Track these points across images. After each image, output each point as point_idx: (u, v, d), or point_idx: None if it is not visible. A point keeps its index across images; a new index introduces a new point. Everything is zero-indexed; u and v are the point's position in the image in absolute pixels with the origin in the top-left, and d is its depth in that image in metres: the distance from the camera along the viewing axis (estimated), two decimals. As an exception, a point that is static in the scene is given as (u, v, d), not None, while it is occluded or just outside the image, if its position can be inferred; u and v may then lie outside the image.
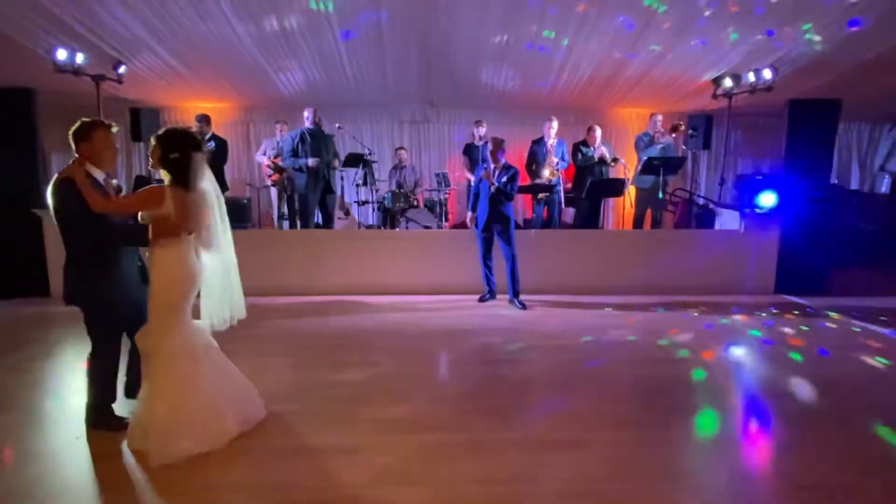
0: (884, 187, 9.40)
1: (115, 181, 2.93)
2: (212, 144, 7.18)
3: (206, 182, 2.93)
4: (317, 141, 7.05)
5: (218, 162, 7.16)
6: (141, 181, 8.05)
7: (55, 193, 2.90)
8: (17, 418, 3.24)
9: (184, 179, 2.82)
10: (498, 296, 6.09)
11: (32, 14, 5.39)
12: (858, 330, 5.22)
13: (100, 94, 6.50)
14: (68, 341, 4.71)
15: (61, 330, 5.02)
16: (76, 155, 2.99)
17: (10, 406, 3.41)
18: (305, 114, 7.12)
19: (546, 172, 7.28)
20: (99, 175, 3.01)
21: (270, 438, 2.95)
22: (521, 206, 8.99)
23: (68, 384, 3.85)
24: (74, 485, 2.58)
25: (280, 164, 7.76)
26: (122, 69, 6.47)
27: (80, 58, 6.01)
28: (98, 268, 2.94)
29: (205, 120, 7.35)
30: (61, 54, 5.88)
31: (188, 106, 8.59)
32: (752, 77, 6.72)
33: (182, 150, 2.83)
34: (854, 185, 9.36)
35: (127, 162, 8.85)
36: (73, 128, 2.99)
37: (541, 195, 7.44)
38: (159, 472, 2.61)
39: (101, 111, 6.62)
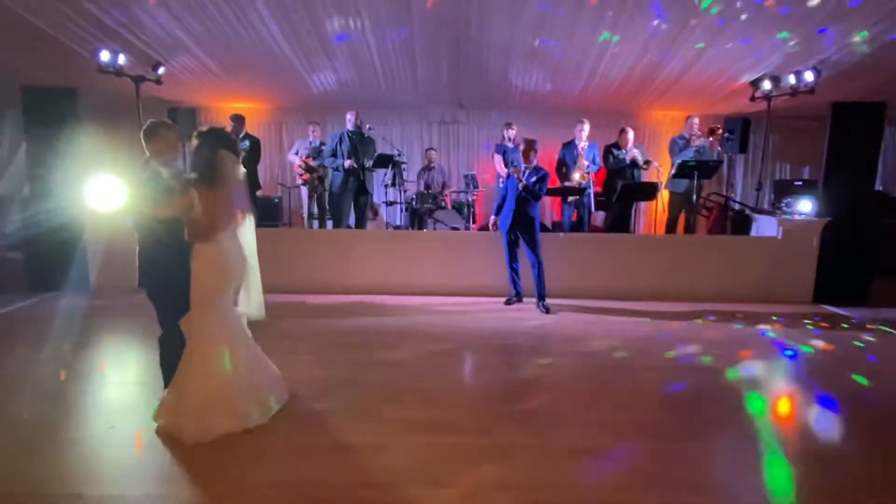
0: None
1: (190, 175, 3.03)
2: (245, 144, 7.32)
3: (234, 181, 3.00)
4: (355, 143, 7.16)
5: (252, 161, 7.30)
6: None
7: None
8: (54, 407, 3.35)
9: (209, 177, 2.91)
10: (525, 299, 6.04)
11: (77, 17, 5.59)
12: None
13: (139, 94, 6.70)
14: (105, 333, 4.86)
15: (100, 322, 5.18)
16: (146, 154, 3.32)
17: (49, 395, 3.52)
18: (348, 116, 7.28)
19: (577, 176, 7.20)
20: (164, 171, 3.19)
21: (298, 435, 2.98)
22: (549, 209, 8.91)
23: (104, 375, 3.97)
24: (108, 473, 2.66)
25: (312, 163, 7.86)
26: (161, 70, 6.66)
27: (121, 59, 6.21)
28: (161, 258, 3.17)
29: (239, 120, 7.49)
30: (105, 55, 6.08)
31: (224, 106, 8.78)
32: (792, 79, 6.52)
33: (212, 146, 2.93)
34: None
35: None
36: (143, 127, 3.35)
37: (570, 198, 7.35)
38: (193, 465, 2.67)
39: (140, 111, 6.83)
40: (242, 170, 3.07)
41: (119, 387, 3.82)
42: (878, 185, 8.31)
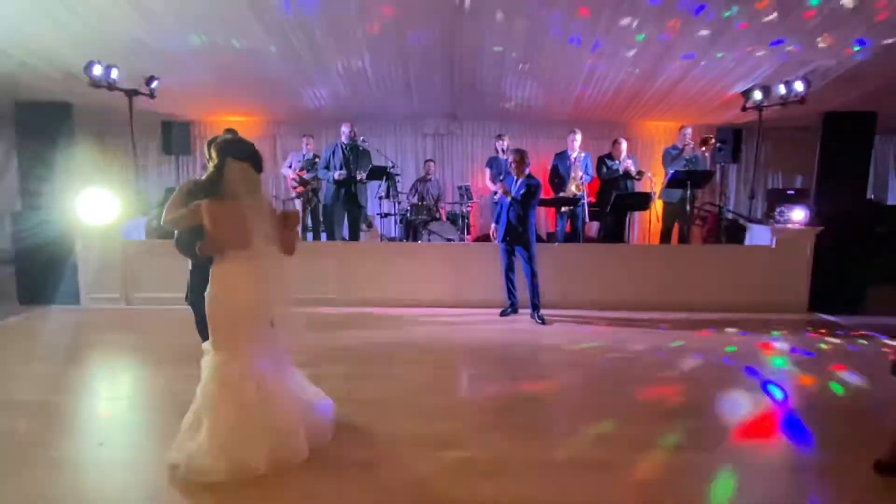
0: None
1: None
2: None
3: (250, 195, 2.70)
4: (347, 156, 7.17)
5: None
6: (170, 192, 8.25)
7: None
8: (43, 423, 3.28)
9: (214, 187, 2.70)
10: (520, 310, 6.02)
11: (70, 30, 5.59)
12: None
13: (132, 108, 6.69)
14: (96, 348, 4.80)
15: (92, 336, 5.12)
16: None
17: (37, 411, 3.46)
18: (343, 128, 7.29)
19: (572, 187, 7.21)
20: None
21: (289, 450, 2.92)
22: (543, 220, 8.91)
23: (95, 390, 3.92)
24: (96, 491, 2.60)
25: (305, 176, 7.86)
26: (154, 84, 6.65)
27: (114, 73, 6.20)
28: (203, 274, 2.91)
29: (232, 133, 7.51)
30: (97, 70, 6.07)
31: (218, 120, 8.78)
32: (783, 90, 6.58)
33: (220, 155, 2.71)
34: (892, 201, 9.04)
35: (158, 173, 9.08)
36: (211, 138, 3.20)
37: (564, 208, 7.36)
38: (183, 483, 2.61)
39: (133, 125, 6.81)
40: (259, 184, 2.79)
41: (109, 402, 3.75)
42: (870, 194, 8.37)
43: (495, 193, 5.85)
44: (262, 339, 2.78)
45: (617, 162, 7.40)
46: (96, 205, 6.13)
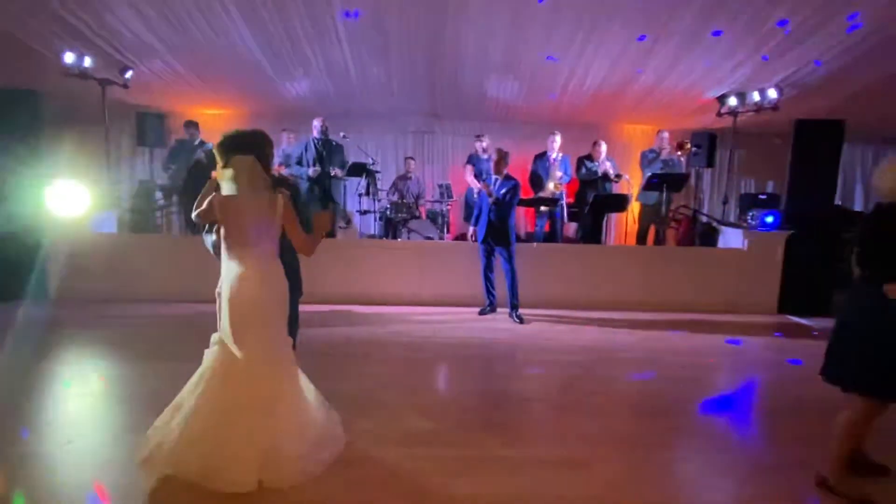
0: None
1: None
2: (210, 146, 7.24)
3: (250, 190, 2.59)
4: (321, 151, 7.08)
5: (211, 169, 7.20)
6: (144, 185, 8.08)
7: None
8: (9, 421, 3.18)
9: (219, 183, 2.65)
10: (499, 309, 6.05)
11: (42, 17, 5.42)
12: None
13: (105, 98, 6.52)
14: (66, 344, 4.67)
15: (61, 332, 4.98)
16: None
17: (3, 409, 3.35)
18: (315, 123, 7.19)
19: (550, 186, 7.27)
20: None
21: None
22: (523, 220, 8.97)
23: (62, 388, 3.81)
24: (62, 491, 2.53)
25: (283, 172, 7.75)
26: (128, 74, 6.50)
27: (87, 61, 6.04)
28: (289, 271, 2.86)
29: (194, 125, 7.42)
30: (69, 57, 5.91)
31: (194, 112, 8.61)
32: (757, 96, 6.74)
33: (222, 155, 2.64)
34: (858, 207, 9.33)
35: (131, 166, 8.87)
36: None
37: (543, 208, 7.42)
38: (153, 483, 2.56)
39: (107, 115, 6.65)
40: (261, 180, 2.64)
41: (78, 399, 3.66)
42: (838, 200, 8.63)
43: (478, 193, 5.86)
44: (269, 340, 2.65)
45: (596, 163, 7.49)
46: (66, 197, 5.96)
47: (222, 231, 2.63)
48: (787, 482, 2.76)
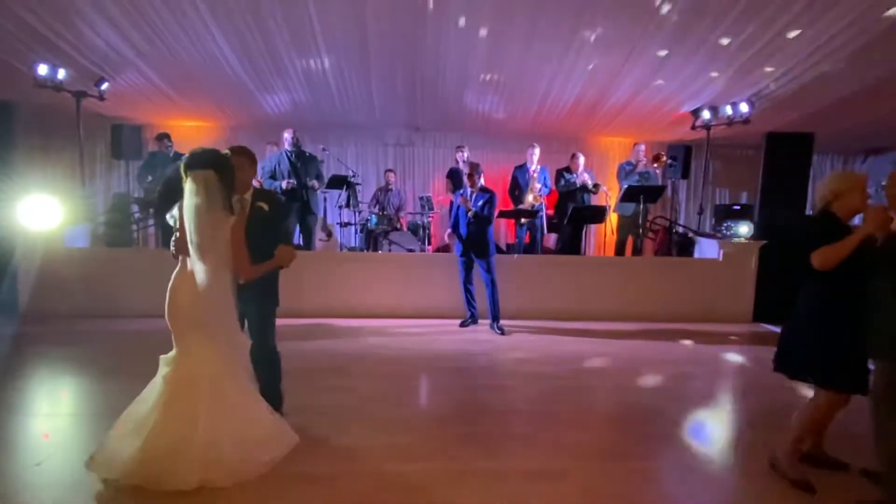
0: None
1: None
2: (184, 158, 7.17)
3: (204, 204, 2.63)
4: (294, 163, 7.03)
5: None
6: (119, 198, 7.95)
7: None
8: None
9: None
10: (479, 320, 6.06)
11: (15, 28, 5.35)
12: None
13: (80, 110, 6.44)
14: (36, 361, 4.55)
15: (31, 348, 4.85)
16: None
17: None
18: (285, 135, 7.11)
19: (530, 198, 7.35)
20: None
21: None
22: (503, 231, 9.03)
23: (32, 407, 3.71)
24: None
25: (264, 185, 7.71)
26: (104, 86, 6.43)
27: (61, 73, 5.96)
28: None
29: (167, 137, 7.34)
30: (42, 69, 5.83)
31: (172, 124, 8.53)
32: (729, 110, 6.92)
33: (185, 171, 2.67)
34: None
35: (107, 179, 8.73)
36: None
37: (523, 220, 7.49)
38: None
39: (81, 128, 6.56)
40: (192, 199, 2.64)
41: (48, 419, 3.56)
42: (808, 210, 8.86)
43: (459, 207, 5.87)
44: (208, 345, 2.70)
45: (574, 175, 7.59)
46: (39, 210, 5.84)
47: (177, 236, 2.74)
48: (766, 489, 2.80)
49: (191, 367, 2.68)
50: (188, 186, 2.63)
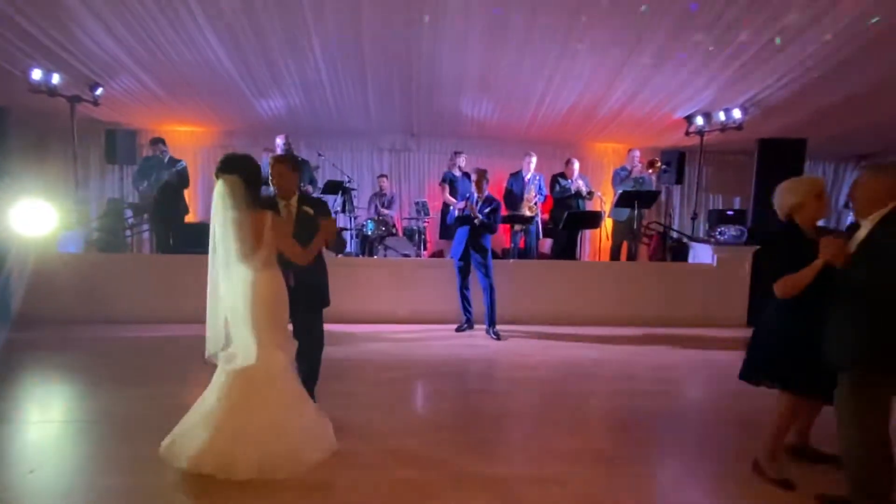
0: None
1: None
2: (183, 164, 7.16)
3: (233, 209, 2.80)
4: None
5: (185, 184, 7.15)
6: (113, 203, 7.92)
7: None
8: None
9: None
10: (475, 325, 6.06)
11: (8, 33, 5.33)
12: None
13: (74, 115, 6.41)
14: (29, 368, 4.51)
15: (24, 356, 4.80)
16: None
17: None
18: (278, 140, 7.09)
19: (525, 211, 7.37)
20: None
21: (238, 473, 2.83)
22: (499, 236, 9.04)
23: (26, 414, 3.68)
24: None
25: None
26: (98, 91, 6.41)
27: (55, 78, 5.94)
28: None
29: (161, 142, 7.31)
30: (36, 74, 5.81)
31: (166, 129, 8.52)
32: (722, 116, 6.97)
33: (215, 175, 2.85)
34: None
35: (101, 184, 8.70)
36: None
37: (518, 226, 7.50)
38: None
39: (76, 132, 6.53)
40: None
41: (40, 426, 3.53)
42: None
43: (463, 209, 5.82)
44: (257, 344, 2.83)
45: (569, 181, 7.62)
46: (32, 215, 5.79)
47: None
48: (765, 493, 2.81)
49: (250, 362, 2.82)
50: (217, 188, 2.79)
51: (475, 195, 5.76)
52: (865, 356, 2.39)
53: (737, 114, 6.82)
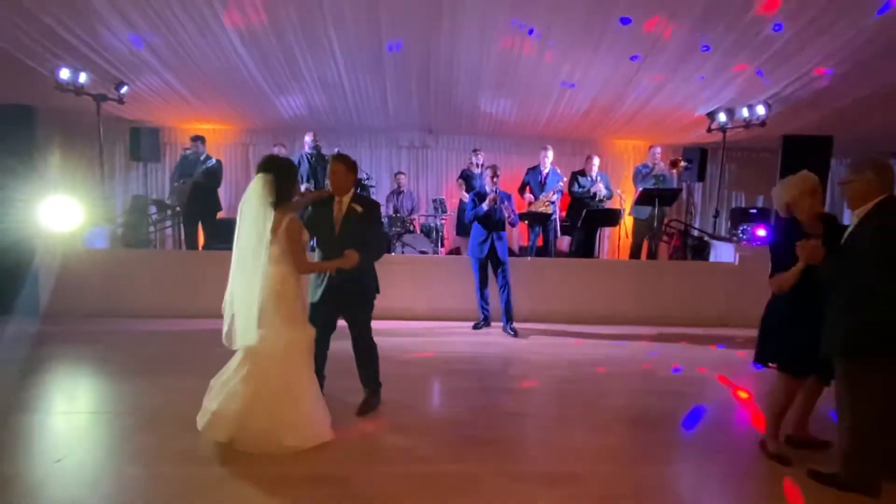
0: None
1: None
2: (213, 161, 7.24)
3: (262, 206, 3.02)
4: (314, 165, 7.10)
5: (215, 182, 7.22)
6: (137, 200, 8.07)
7: None
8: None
9: None
10: (492, 323, 6.05)
11: (38, 34, 5.46)
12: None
13: (100, 113, 6.55)
14: (56, 360, 4.63)
15: (52, 348, 4.93)
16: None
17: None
18: (306, 138, 7.20)
19: (541, 208, 7.31)
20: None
21: (254, 465, 2.86)
22: (516, 233, 9.01)
23: (54, 405, 3.78)
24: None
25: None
26: (123, 89, 6.53)
27: (82, 77, 6.07)
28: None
29: (200, 140, 7.41)
30: (64, 73, 5.94)
31: (188, 127, 8.66)
32: (745, 112, 6.84)
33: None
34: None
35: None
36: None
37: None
38: (142, 500, 2.53)
39: (101, 130, 6.67)
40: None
41: (67, 417, 3.62)
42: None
43: (470, 205, 5.85)
44: (281, 332, 3.04)
45: (589, 179, 7.54)
46: (59, 212, 5.95)
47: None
48: (783, 492, 2.77)
49: (266, 343, 3.02)
50: (252, 184, 3.03)
51: (490, 190, 5.68)
52: (848, 346, 2.61)
53: (760, 110, 6.69)
